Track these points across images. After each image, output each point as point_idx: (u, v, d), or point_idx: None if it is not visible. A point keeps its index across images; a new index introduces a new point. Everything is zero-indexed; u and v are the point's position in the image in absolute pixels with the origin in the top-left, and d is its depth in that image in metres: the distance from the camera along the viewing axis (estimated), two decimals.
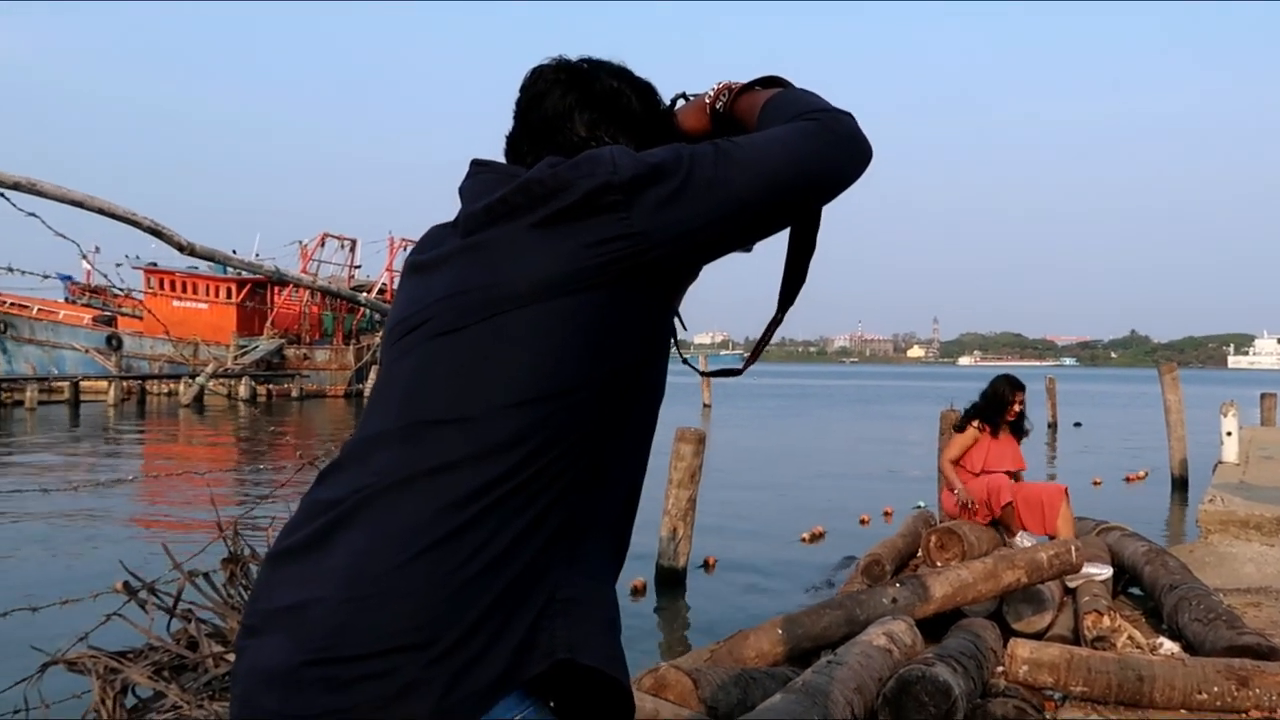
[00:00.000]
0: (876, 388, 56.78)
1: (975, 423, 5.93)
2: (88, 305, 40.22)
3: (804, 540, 8.98)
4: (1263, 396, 17.77)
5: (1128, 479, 13.55)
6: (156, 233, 4.40)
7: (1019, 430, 5.99)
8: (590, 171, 1.05)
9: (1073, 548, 4.51)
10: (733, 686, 3.24)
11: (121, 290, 10.57)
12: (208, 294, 39.78)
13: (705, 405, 30.43)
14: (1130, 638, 4.69)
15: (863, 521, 9.67)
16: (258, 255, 40.66)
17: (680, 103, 1.28)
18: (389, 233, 45.86)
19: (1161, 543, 7.23)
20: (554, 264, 1.03)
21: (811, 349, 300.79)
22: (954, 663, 3.18)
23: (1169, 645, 4.73)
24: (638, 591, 6.92)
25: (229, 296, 39.72)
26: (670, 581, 6.98)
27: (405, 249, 47.12)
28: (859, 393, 49.59)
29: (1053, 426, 23.27)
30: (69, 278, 39.75)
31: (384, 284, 43.88)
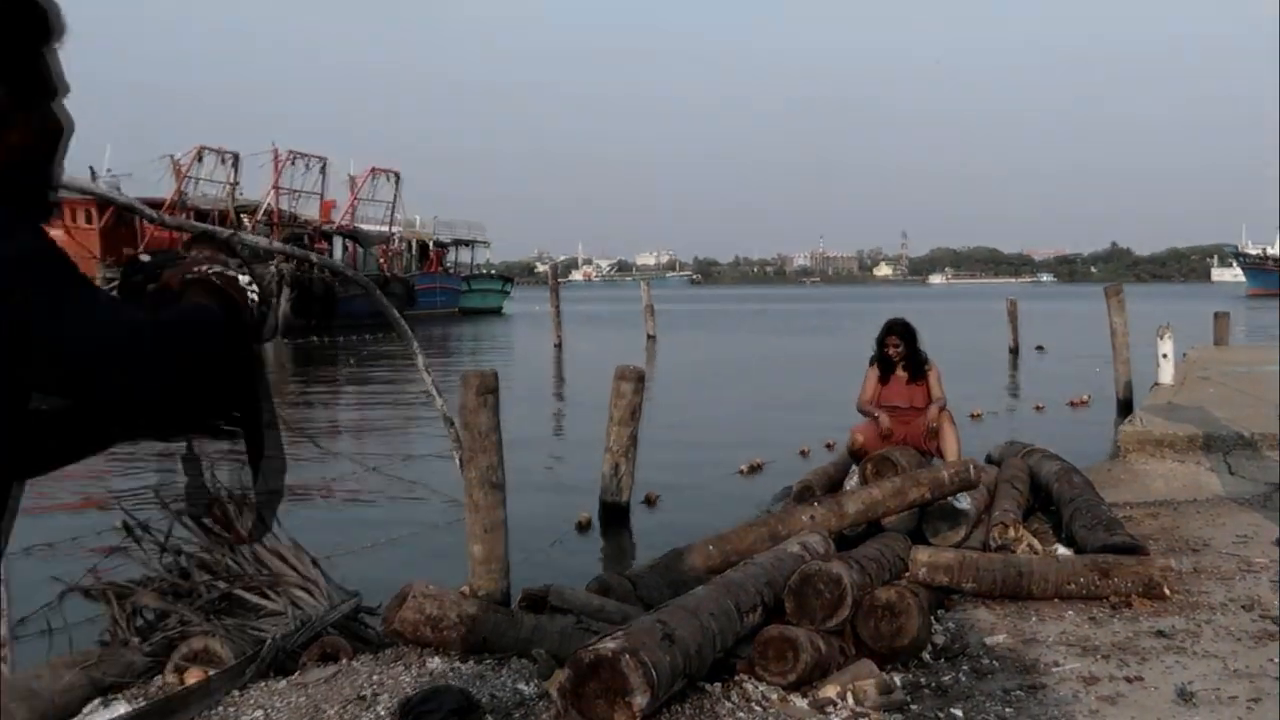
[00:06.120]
0: (839, 312, 57.83)
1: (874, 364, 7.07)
2: None
3: (742, 473, 9.88)
4: (1216, 316, 19.16)
5: (1071, 404, 14.84)
6: (158, 221, 5.31)
7: (917, 369, 7.04)
8: None
9: (971, 466, 5.60)
10: (665, 587, 4.26)
11: None
12: (61, 217, 34.80)
13: (649, 336, 30.81)
14: (1030, 545, 5.84)
15: (803, 453, 10.52)
16: (109, 171, 37.37)
17: None
18: (273, 144, 43.94)
19: (1087, 464, 8.40)
20: None
21: (769, 269, 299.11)
22: (852, 561, 4.23)
23: (1062, 550, 5.91)
24: (583, 526, 7.88)
25: (89, 221, 36.25)
26: (614, 516, 7.85)
27: (293, 162, 44.93)
28: (820, 318, 50.55)
29: (1014, 351, 24.14)
30: None
31: (269, 205, 42.44)
